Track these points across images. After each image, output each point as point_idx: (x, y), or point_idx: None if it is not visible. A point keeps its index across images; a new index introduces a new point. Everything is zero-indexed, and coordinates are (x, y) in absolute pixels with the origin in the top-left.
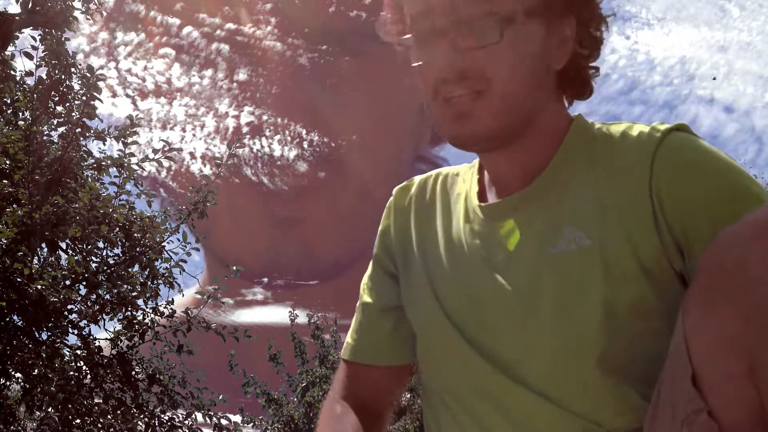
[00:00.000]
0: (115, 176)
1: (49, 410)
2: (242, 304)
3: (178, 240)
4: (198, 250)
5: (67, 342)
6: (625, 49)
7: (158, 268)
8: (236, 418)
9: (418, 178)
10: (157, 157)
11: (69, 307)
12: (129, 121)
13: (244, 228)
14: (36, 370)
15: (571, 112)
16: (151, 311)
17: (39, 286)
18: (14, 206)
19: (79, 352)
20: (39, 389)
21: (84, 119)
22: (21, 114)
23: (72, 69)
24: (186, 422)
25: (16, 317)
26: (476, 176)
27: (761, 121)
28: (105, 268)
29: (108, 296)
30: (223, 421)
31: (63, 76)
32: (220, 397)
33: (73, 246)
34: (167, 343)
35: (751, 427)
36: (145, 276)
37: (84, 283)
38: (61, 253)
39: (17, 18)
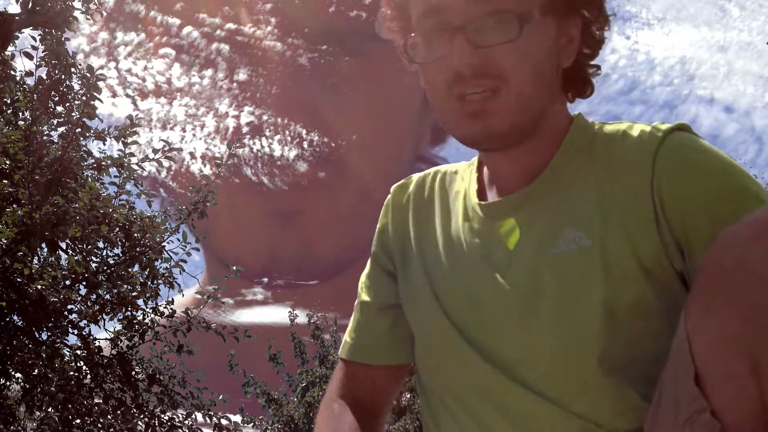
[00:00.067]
0: (115, 176)
1: (49, 410)
2: (242, 304)
3: (178, 240)
4: (198, 250)
5: (67, 342)
6: (625, 49)
7: (158, 268)
8: (236, 418)
9: (417, 175)
10: (157, 157)
11: (69, 307)
12: (129, 121)
13: (244, 228)
14: (36, 370)
15: (570, 111)
16: (151, 311)
17: (39, 286)
18: (14, 206)
19: (79, 352)
20: (39, 389)
21: (84, 119)
22: (21, 114)
23: (72, 69)
24: (186, 422)
25: (16, 317)
26: (475, 174)
27: (761, 121)
28: (105, 268)
29: (108, 296)
30: (223, 421)
31: (63, 76)
32: (220, 397)
33: (73, 246)
34: (167, 343)
35: (754, 427)
36: (145, 276)
37: (84, 283)
38: (61, 253)
39: (17, 18)
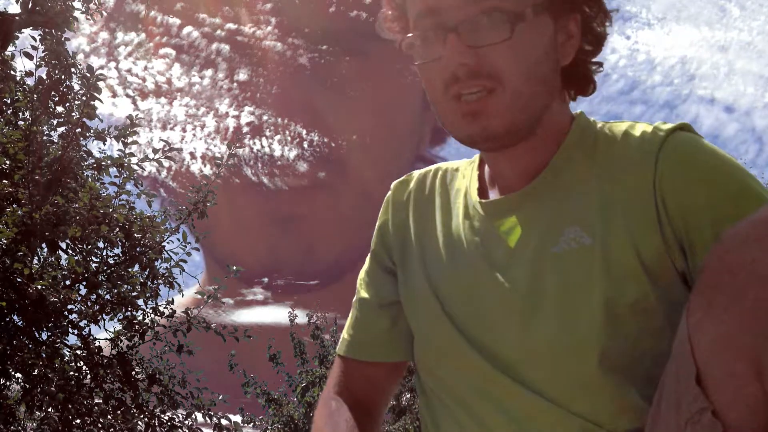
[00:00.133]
0: (115, 176)
1: (49, 410)
2: (242, 305)
3: (178, 240)
4: (198, 250)
5: (67, 342)
6: (625, 49)
7: (158, 268)
8: (236, 418)
9: (417, 172)
10: (157, 157)
11: (69, 307)
12: (129, 121)
13: (244, 228)
14: (36, 370)
15: (572, 110)
16: (151, 311)
17: (39, 286)
18: (14, 206)
19: (79, 352)
20: (39, 389)
21: (84, 119)
22: (21, 114)
23: (72, 69)
24: (186, 422)
25: (16, 317)
26: (476, 172)
27: (761, 121)
28: (105, 268)
29: (108, 296)
30: (223, 421)
31: (63, 76)
32: (220, 397)
33: (73, 246)
34: (167, 343)
35: (756, 427)
36: (145, 276)
37: (84, 283)
38: (61, 253)
39: (17, 18)
